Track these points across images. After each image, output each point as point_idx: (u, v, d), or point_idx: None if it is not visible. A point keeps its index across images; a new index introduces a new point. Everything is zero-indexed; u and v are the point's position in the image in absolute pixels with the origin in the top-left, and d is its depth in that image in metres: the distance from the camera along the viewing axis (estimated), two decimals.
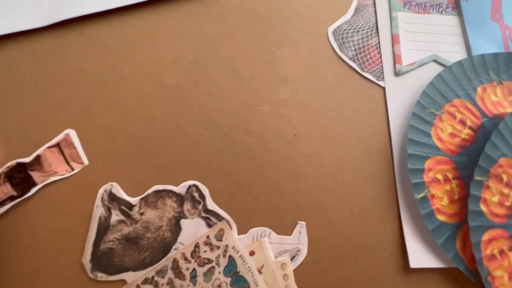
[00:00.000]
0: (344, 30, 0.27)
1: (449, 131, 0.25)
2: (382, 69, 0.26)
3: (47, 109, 0.24)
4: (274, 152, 0.24)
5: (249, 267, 0.21)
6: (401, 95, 0.26)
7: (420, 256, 0.22)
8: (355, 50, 0.27)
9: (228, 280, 0.21)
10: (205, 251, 0.21)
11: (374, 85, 0.26)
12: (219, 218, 0.22)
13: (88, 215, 0.21)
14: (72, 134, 0.23)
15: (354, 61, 0.26)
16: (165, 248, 0.21)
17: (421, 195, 0.23)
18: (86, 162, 0.22)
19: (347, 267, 0.22)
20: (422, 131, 0.24)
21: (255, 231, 0.22)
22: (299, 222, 0.22)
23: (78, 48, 0.25)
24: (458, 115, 0.25)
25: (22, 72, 0.24)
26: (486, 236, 0.21)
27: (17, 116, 0.23)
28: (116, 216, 0.22)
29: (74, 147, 0.22)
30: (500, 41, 0.27)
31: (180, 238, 0.22)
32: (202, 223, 0.22)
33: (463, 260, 0.22)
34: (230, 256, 0.21)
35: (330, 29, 0.27)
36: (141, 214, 0.22)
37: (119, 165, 0.22)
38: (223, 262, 0.21)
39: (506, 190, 0.22)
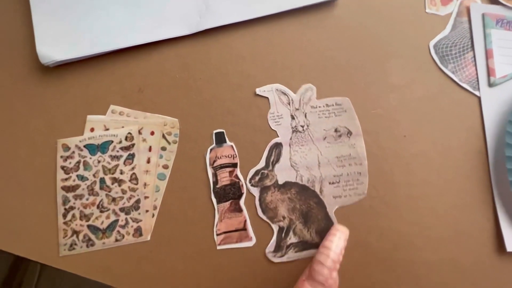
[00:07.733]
0: (443, 44, 0.30)
1: None
2: (477, 80, 0.30)
3: (195, 107, 0.28)
4: (388, 150, 0.28)
5: None
6: (495, 104, 0.29)
7: None
8: (454, 62, 0.30)
9: None
10: None
11: (470, 95, 0.29)
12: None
13: None
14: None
15: (453, 73, 0.30)
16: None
17: None
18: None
19: (451, 248, 0.26)
20: None
21: None
22: None
23: (217, 54, 0.29)
24: None
25: (172, 73, 0.28)
26: None
27: (174, 111, 0.28)
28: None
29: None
30: None
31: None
32: None
33: None
34: None
35: (431, 43, 0.30)
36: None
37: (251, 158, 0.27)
38: None
39: None
